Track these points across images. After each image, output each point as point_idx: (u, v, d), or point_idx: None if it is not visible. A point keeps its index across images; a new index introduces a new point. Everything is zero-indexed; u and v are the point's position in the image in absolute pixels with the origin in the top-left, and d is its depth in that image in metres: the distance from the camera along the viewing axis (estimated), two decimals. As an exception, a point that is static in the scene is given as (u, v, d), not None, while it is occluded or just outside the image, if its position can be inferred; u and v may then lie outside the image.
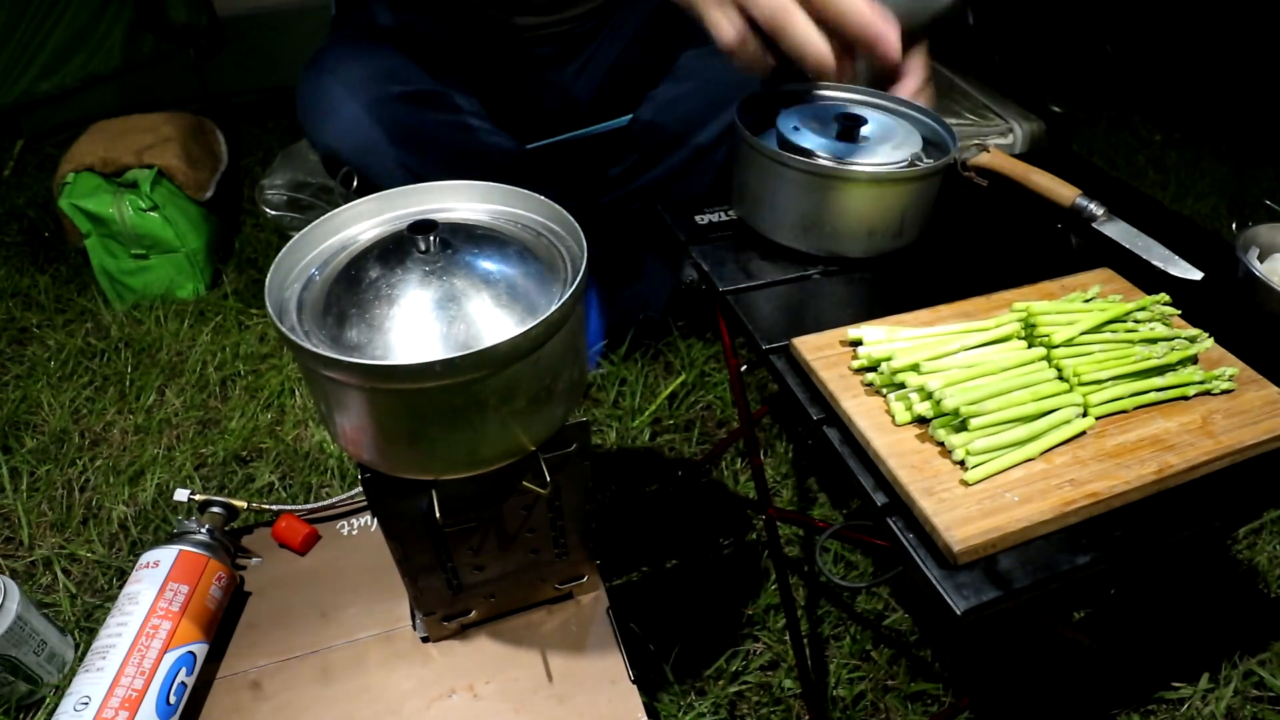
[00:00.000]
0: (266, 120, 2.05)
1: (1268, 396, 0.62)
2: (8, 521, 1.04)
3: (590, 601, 0.82)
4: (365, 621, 0.81)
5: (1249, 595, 1.00)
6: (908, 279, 0.76)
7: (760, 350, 0.68)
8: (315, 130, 0.99)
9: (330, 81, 0.98)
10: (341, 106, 0.97)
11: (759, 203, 0.78)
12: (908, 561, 0.52)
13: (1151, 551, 0.53)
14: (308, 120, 1.00)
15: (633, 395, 1.23)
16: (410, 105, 0.98)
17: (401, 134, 0.97)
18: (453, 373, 0.48)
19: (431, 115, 1.00)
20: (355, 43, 1.01)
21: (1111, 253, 0.80)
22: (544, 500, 0.69)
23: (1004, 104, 1.69)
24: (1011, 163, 0.87)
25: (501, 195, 0.64)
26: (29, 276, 1.48)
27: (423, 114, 0.99)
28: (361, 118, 0.96)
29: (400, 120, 0.97)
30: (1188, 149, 2.01)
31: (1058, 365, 0.61)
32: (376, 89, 0.97)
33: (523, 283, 0.55)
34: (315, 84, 0.99)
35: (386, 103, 0.97)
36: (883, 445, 0.56)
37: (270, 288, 0.54)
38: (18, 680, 0.80)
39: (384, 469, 0.57)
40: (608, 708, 0.73)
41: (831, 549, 1.03)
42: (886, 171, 0.72)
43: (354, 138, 0.97)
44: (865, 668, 0.91)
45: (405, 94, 0.98)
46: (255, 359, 1.30)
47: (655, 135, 1.22)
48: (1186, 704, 0.87)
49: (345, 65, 0.98)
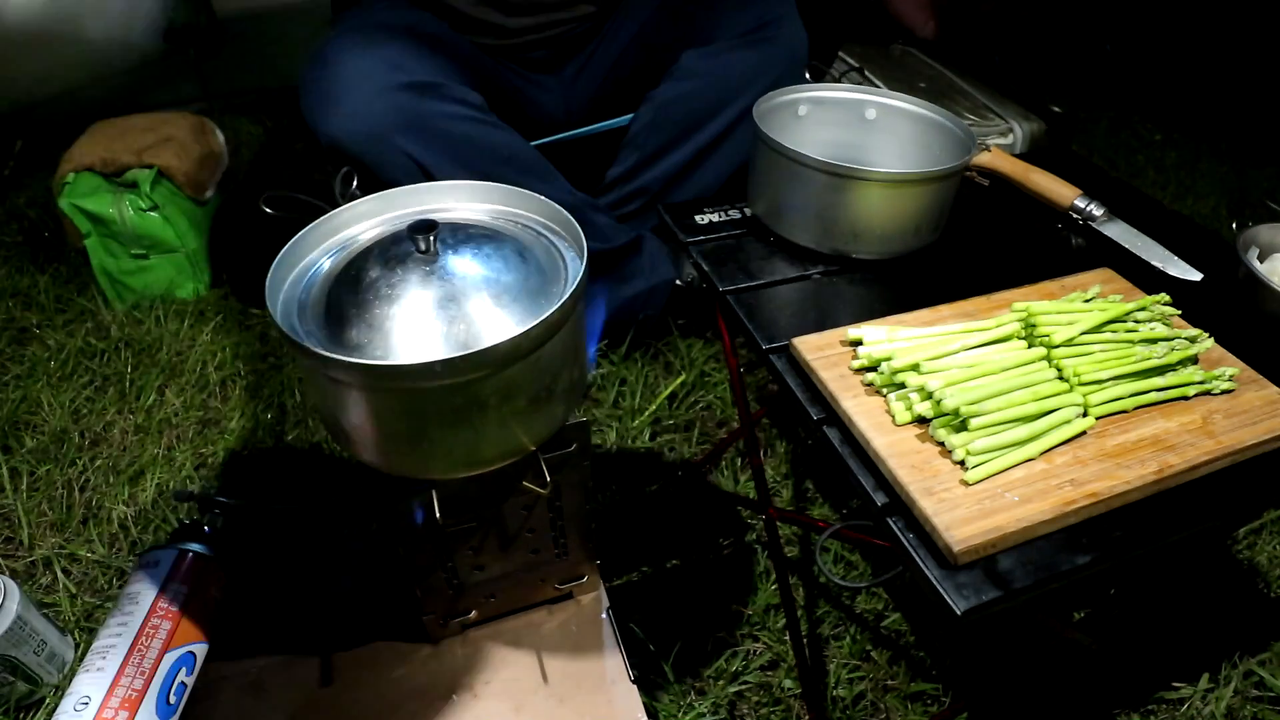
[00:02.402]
0: (266, 120, 2.05)
1: (1268, 396, 0.62)
2: (8, 521, 1.04)
3: (590, 601, 0.82)
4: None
5: (1249, 595, 1.00)
6: (908, 279, 0.76)
7: (760, 350, 0.68)
8: (319, 120, 0.99)
9: (334, 72, 0.97)
10: (346, 96, 0.96)
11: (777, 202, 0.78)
12: (908, 561, 0.52)
13: (1151, 551, 0.53)
14: (312, 110, 1.00)
15: (633, 395, 1.23)
16: (415, 94, 0.97)
17: (406, 123, 0.97)
18: (453, 373, 0.48)
19: (436, 105, 0.99)
20: (359, 34, 1.01)
21: (1111, 253, 0.80)
22: (544, 500, 0.69)
23: (1004, 104, 1.69)
24: (1012, 162, 0.87)
25: (501, 195, 0.64)
26: (29, 276, 1.48)
27: (428, 104, 0.98)
28: (366, 107, 0.96)
29: (405, 109, 0.97)
30: (1188, 149, 2.01)
31: (1058, 365, 0.61)
32: (381, 78, 0.96)
33: (523, 283, 0.55)
34: (319, 74, 0.99)
35: (391, 92, 0.96)
36: (883, 445, 0.56)
37: (270, 288, 0.54)
38: (18, 680, 0.80)
39: (384, 469, 0.57)
40: (608, 708, 0.73)
41: (831, 549, 1.03)
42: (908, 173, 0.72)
43: (358, 127, 0.97)
44: (865, 668, 0.91)
45: (410, 84, 0.97)
46: (255, 359, 1.30)
47: (656, 136, 1.21)
48: (1186, 704, 0.87)
49: (349, 56, 0.98)
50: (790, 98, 0.83)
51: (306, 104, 1.00)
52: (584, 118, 1.26)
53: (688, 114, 1.20)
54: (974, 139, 0.77)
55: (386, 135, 0.96)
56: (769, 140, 0.74)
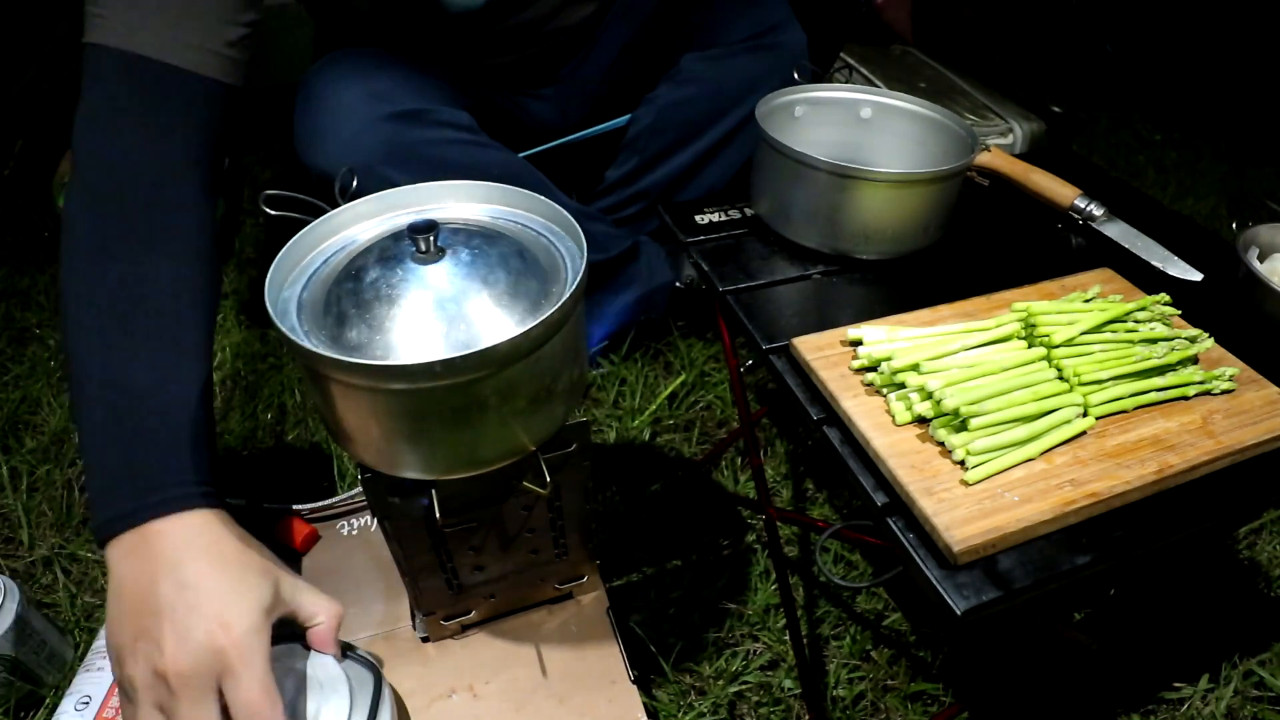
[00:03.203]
0: (266, 120, 2.05)
1: (1268, 396, 0.62)
2: (8, 521, 1.04)
3: (590, 601, 0.82)
4: (365, 621, 0.81)
5: (1249, 595, 1.00)
6: (908, 279, 0.76)
7: (760, 350, 0.68)
8: (307, 155, 1.00)
9: (318, 107, 0.99)
10: (331, 131, 0.98)
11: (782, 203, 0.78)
12: (908, 561, 0.52)
13: (1151, 551, 0.53)
14: (301, 144, 1.01)
15: (633, 395, 1.23)
16: (402, 123, 0.98)
17: (394, 153, 0.98)
18: (453, 373, 0.48)
19: (423, 132, 1.00)
20: (341, 64, 1.02)
21: (1111, 253, 0.80)
22: (544, 500, 0.69)
23: (1004, 104, 1.69)
24: (1011, 162, 0.87)
25: (501, 195, 0.64)
26: (29, 276, 1.48)
27: (415, 131, 0.99)
28: (353, 140, 0.97)
29: (392, 140, 0.98)
30: (1188, 149, 2.01)
31: (1058, 365, 0.61)
32: (366, 110, 0.97)
33: (523, 283, 0.55)
34: (305, 110, 1.00)
35: (377, 123, 0.97)
36: (883, 445, 0.56)
37: (270, 288, 0.54)
38: (18, 680, 0.80)
39: (384, 469, 0.57)
40: (607, 708, 0.73)
41: (831, 549, 1.03)
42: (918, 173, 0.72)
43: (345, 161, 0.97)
44: (865, 668, 0.91)
45: (396, 113, 0.98)
46: (255, 359, 1.30)
47: (656, 140, 1.21)
48: (1186, 704, 0.87)
49: (333, 89, 0.99)
50: (787, 99, 0.83)
51: (296, 138, 1.02)
52: (580, 121, 1.26)
53: (689, 119, 1.20)
54: (976, 136, 0.77)
55: (375, 167, 0.97)
56: (774, 142, 0.74)
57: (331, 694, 0.61)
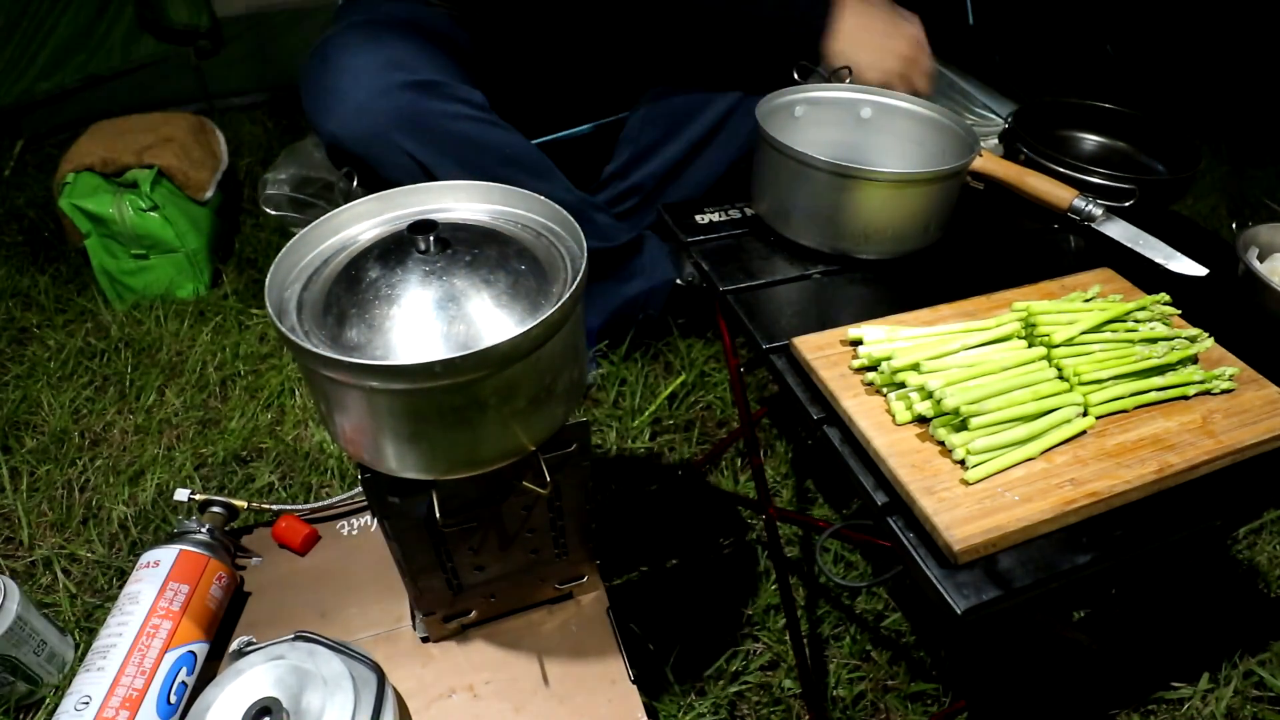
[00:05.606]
0: (266, 120, 2.05)
1: (1268, 396, 0.62)
2: (8, 521, 1.04)
3: (590, 601, 0.82)
4: (365, 621, 0.81)
5: (1249, 595, 1.00)
6: (908, 279, 0.76)
7: (760, 350, 0.68)
8: (320, 117, 0.98)
9: (335, 69, 0.97)
10: (346, 94, 0.96)
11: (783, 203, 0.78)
12: (908, 561, 0.52)
13: (1151, 551, 0.53)
14: (312, 107, 0.99)
15: (633, 395, 1.23)
16: (416, 93, 0.97)
17: (407, 122, 0.97)
18: (453, 373, 0.48)
19: (438, 104, 0.99)
20: (361, 31, 1.00)
21: (1112, 253, 0.80)
22: (544, 500, 0.69)
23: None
24: (1005, 166, 0.87)
25: (501, 195, 0.64)
26: (29, 276, 1.48)
27: (429, 102, 0.98)
28: (366, 105, 0.95)
29: (405, 108, 0.96)
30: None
31: (1058, 365, 0.61)
32: (382, 77, 0.96)
33: (523, 283, 0.55)
34: (320, 71, 0.98)
35: (392, 90, 0.96)
36: (883, 445, 0.56)
37: (270, 288, 0.54)
38: (18, 680, 0.80)
39: (384, 469, 0.57)
40: (607, 708, 0.73)
41: (831, 549, 1.03)
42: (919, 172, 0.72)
43: (358, 125, 0.96)
44: (865, 668, 0.91)
45: (411, 82, 0.97)
46: (255, 359, 1.30)
47: (648, 130, 1.21)
48: (1186, 704, 0.87)
49: (350, 53, 0.97)
50: (787, 99, 0.83)
51: (307, 100, 1.00)
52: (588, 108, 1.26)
53: (679, 105, 1.20)
54: (975, 135, 0.77)
55: (387, 134, 0.96)
56: (774, 142, 0.74)
57: (336, 690, 0.61)
